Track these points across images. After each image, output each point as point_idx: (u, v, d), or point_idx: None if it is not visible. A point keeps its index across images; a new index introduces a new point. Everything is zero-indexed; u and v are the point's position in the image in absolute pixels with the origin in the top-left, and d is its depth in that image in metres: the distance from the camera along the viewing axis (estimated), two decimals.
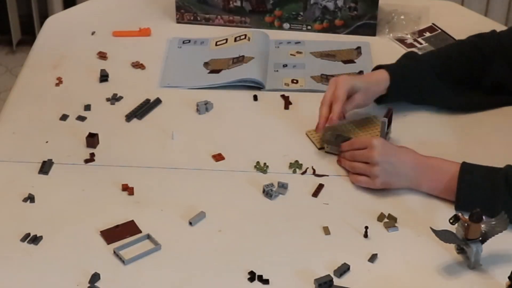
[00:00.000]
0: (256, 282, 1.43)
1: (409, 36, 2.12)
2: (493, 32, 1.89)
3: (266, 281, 1.43)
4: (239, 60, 1.98)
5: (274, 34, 2.11)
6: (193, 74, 1.97)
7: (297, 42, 2.09)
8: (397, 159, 1.62)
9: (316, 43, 2.09)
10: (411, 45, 2.09)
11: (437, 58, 1.85)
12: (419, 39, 2.11)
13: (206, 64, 2.00)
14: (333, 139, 1.70)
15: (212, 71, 1.97)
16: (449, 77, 1.83)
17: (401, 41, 2.11)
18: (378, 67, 1.83)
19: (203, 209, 1.57)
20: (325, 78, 1.96)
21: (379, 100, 1.82)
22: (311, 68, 2.00)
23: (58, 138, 1.76)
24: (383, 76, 1.79)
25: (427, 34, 2.14)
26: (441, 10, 2.23)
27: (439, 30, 2.15)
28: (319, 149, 1.73)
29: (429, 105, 1.84)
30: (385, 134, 1.71)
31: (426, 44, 2.09)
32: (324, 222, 1.55)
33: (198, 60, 2.02)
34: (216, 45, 2.07)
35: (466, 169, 1.58)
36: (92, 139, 1.72)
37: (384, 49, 2.07)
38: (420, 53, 1.90)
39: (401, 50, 2.06)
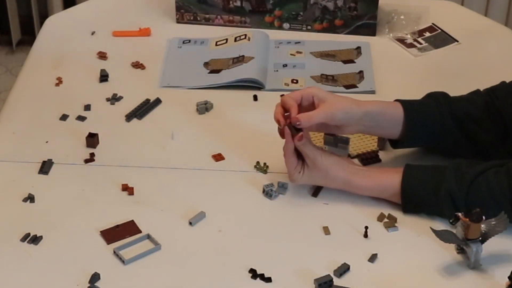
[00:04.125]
0: (258, 280, 1.43)
1: (409, 36, 2.13)
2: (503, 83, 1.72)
3: (268, 279, 1.43)
4: (239, 60, 1.98)
5: (274, 34, 2.11)
6: (193, 74, 1.97)
7: (297, 42, 2.09)
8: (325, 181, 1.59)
9: (316, 43, 2.09)
10: (411, 45, 2.09)
11: (457, 104, 1.66)
12: (419, 39, 2.11)
13: (206, 64, 2.00)
14: (332, 140, 1.70)
15: (212, 71, 1.97)
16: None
17: (401, 41, 2.11)
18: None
19: (203, 209, 1.57)
20: (325, 78, 1.96)
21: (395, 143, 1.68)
22: (311, 68, 2.00)
23: (58, 138, 1.76)
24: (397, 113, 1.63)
25: (427, 34, 2.14)
26: (441, 10, 2.23)
27: (439, 30, 2.15)
28: None
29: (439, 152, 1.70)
30: (383, 142, 1.71)
31: (426, 44, 2.09)
32: (324, 222, 1.55)
33: (198, 60, 2.02)
34: (216, 45, 2.07)
35: (409, 179, 1.54)
36: (92, 139, 1.72)
37: (384, 49, 2.07)
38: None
39: (401, 50, 2.07)
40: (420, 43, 2.10)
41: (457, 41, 2.09)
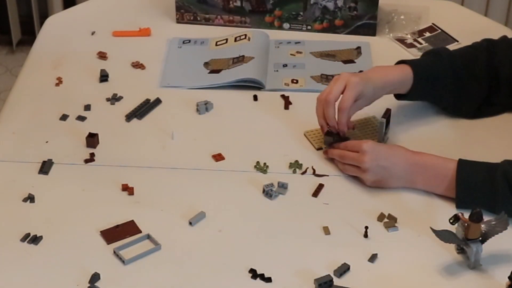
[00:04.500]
0: (258, 280, 1.43)
1: (409, 36, 2.12)
2: (504, 37, 1.87)
3: (268, 279, 1.43)
4: (239, 60, 1.98)
5: (274, 34, 2.11)
6: (193, 74, 1.97)
7: (297, 42, 2.09)
8: (389, 162, 1.61)
9: (316, 43, 2.09)
10: (411, 45, 2.09)
11: (458, 58, 1.80)
12: (419, 39, 2.11)
13: (206, 64, 2.00)
14: (331, 140, 1.70)
15: (212, 71, 1.97)
16: (469, 80, 1.79)
17: (401, 41, 2.11)
18: (401, 62, 1.78)
19: (203, 209, 1.57)
20: (325, 78, 1.96)
21: (398, 96, 1.79)
22: (311, 68, 2.00)
23: (58, 138, 1.76)
24: (407, 75, 1.74)
25: (427, 34, 2.14)
26: (441, 10, 2.23)
27: (439, 30, 2.15)
28: (317, 149, 1.73)
29: (442, 107, 1.83)
30: (383, 135, 1.72)
31: (426, 44, 2.09)
32: (324, 222, 1.55)
33: (198, 60, 2.02)
34: (216, 45, 2.07)
35: (464, 167, 1.58)
36: (92, 139, 1.72)
37: (384, 49, 2.07)
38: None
39: (401, 50, 2.07)
40: (420, 43, 2.10)
41: (457, 41, 2.09)
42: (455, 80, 1.78)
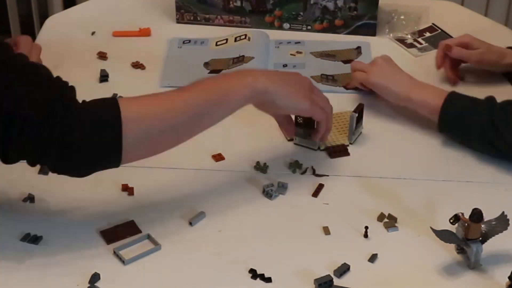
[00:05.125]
0: (258, 280, 1.43)
1: (409, 36, 2.13)
2: None
3: (268, 279, 1.43)
4: (239, 60, 1.98)
5: (274, 34, 2.11)
6: (193, 74, 1.97)
7: (297, 42, 2.09)
8: (393, 71, 1.81)
9: (316, 43, 2.09)
10: (411, 45, 2.09)
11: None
12: (419, 39, 2.12)
13: (206, 64, 2.00)
14: (301, 132, 1.69)
15: (212, 71, 1.97)
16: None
17: (401, 41, 2.11)
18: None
19: (203, 209, 1.57)
20: (325, 78, 1.96)
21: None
22: (311, 68, 2.00)
23: None
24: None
25: (427, 34, 2.14)
26: (441, 10, 2.23)
27: (439, 30, 2.15)
28: (289, 140, 1.73)
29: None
30: (353, 129, 1.72)
31: (426, 44, 2.09)
32: (324, 222, 1.55)
33: (198, 60, 2.02)
34: (216, 45, 2.07)
35: (455, 94, 1.72)
36: None
37: (384, 49, 2.07)
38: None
39: (401, 50, 2.07)
40: (420, 43, 2.10)
41: None
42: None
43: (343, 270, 1.45)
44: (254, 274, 1.44)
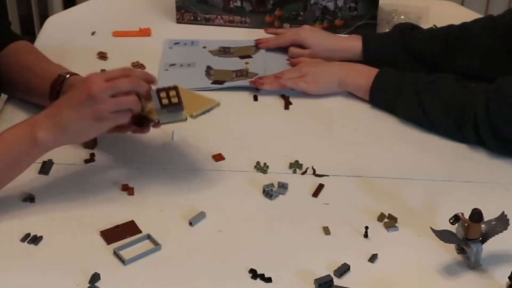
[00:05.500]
0: (258, 280, 1.43)
1: None
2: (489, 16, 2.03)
3: (268, 279, 1.43)
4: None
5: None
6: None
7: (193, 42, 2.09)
8: (325, 64, 1.91)
9: (213, 41, 2.08)
10: None
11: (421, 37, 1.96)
12: None
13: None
14: (165, 111, 1.56)
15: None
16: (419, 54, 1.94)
17: None
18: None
19: (203, 209, 1.57)
20: (222, 51, 1.96)
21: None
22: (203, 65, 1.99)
23: None
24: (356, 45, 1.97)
25: None
26: (441, 10, 2.23)
27: None
28: (156, 124, 1.61)
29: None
30: (159, 106, 1.56)
31: None
32: (324, 222, 1.55)
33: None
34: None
35: (386, 69, 1.83)
36: (90, 140, 1.72)
37: None
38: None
39: None
40: None
41: None
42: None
43: (343, 270, 1.45)
44: (254, 274, 1.44)
